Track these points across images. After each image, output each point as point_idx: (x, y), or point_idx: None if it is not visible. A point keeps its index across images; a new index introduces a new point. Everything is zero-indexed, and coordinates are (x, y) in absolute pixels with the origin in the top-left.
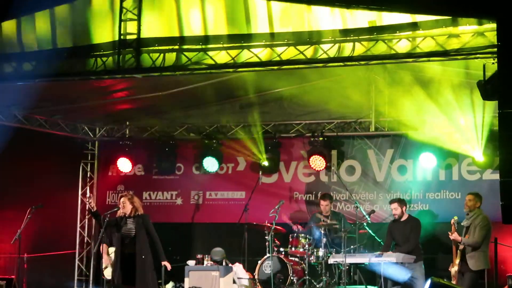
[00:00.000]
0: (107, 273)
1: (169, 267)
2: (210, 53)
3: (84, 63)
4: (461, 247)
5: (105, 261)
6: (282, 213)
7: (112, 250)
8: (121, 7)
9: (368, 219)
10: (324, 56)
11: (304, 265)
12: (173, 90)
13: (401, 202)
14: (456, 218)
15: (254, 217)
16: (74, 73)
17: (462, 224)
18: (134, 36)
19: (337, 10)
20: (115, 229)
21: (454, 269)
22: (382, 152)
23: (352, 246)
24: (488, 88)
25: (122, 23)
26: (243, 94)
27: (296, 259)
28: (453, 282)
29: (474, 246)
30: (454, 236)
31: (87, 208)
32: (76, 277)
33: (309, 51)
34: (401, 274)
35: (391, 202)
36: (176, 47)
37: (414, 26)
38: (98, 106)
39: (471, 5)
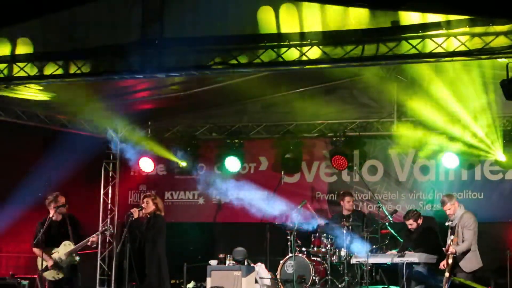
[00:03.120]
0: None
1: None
2: (234, 53)
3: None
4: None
5: (45, 263)
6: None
7: (55, 250)
8: (144, 7)
9: (391, 219)
10: (348, 56)
11: (326, 265)
12: (195, 90)
13: (416, 217)
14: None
15: (276, 217)
16: (98, 73)
17: (446, 224)
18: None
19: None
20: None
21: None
22: (405, 152)
23: (374, 246)
24: (511, 88)
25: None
26: (265, 94)
27: (318, 259)
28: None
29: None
30: (450, 250)
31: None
32: (98, 277)
33: (332, 51)
34: None
35: (406, 218)
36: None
37: (437, 26)
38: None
39: (494, 5)
